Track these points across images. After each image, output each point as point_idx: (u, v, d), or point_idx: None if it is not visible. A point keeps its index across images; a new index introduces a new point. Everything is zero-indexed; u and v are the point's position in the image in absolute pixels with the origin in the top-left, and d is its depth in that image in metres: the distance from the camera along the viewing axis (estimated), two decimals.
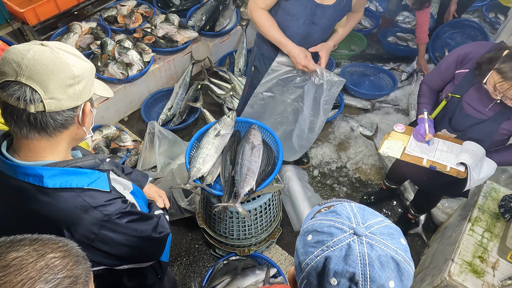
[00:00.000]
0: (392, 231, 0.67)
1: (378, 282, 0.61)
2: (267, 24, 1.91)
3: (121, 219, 1.01)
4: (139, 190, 1.25)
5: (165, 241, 1.25)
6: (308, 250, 0.67)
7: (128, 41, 3.05)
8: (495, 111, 1.59)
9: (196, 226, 2.27)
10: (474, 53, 1.61)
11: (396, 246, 0.65)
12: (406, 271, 0.64)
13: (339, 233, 0.65)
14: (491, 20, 4.12)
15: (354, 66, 3.56)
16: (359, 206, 0.71)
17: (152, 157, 2.54)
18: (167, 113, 3.06)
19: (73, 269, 0.66)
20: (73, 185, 0.95)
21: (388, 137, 1.86)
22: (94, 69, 1.00)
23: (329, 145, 3.01)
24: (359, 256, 0.62)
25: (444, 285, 1.69)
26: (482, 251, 1.73)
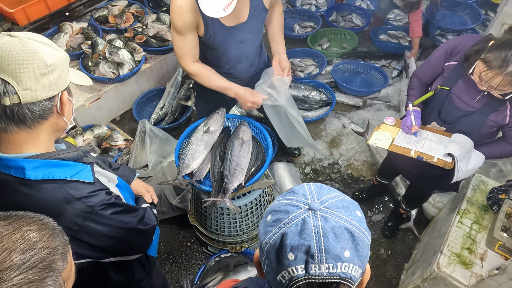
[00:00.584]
0: (347, 204, 0.69)
1: (333, 252, 0.63)
2: (205, 75, 1.85)
3: (105, 210, 1.01)
4: (125, 183, 1.25)
5: (152, 233, 1.24)
6: (267, 229, 0.69)
7: (119, 40, 3.05)
8: (482, 103, 1.61)
9: (188, 224, 2.27)
10: (463, 46, 1.62)
11: (350, 218, 0.66)
12: (361, 241, 0.66)
13: (295, 210, 0.67)
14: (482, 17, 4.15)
15: (345, 63, 3.58)
16: (317, 184, 0.73)
17: (143, 156, 2.54)
18: (159, 112, 3.06)
19: (49, 240, 0.66)
20: (56, 177, 0.94)
21: (378, 129, 1.88)
22: (67, 57, 0.98)
23: (321, 142, 3.02)
24: (314, 229, 0.64)
25: (433, 277, 1.70)
26: (471, 242, 1.74)
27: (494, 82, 1.39)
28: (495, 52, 1.37)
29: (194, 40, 1.73)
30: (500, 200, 1.82)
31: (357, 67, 3.58)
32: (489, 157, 1.75)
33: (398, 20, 4.14)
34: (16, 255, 0.61)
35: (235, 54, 1.87)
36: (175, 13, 1.61)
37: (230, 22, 1.72)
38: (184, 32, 1.66)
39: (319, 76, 3.54)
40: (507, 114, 1.56)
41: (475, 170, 1.72)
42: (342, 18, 4.14)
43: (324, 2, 4.41)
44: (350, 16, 4.16)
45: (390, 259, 2.40)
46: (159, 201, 2.38)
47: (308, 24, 4.05)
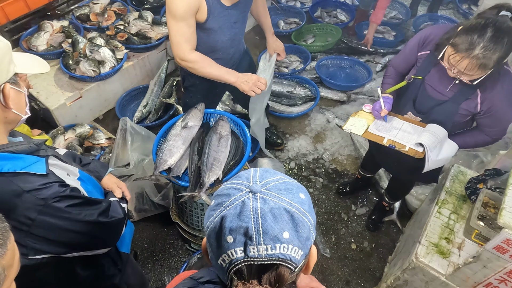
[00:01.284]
0: (290, 187, 0.68)
1: (271, 233, 0.62)
2: (206, 61, 1.84)
3: (59, 203, 0.98)
4: (89, 177, 1.22)
5: (119, 227, 1.21)
6: (210, 213, 0.68)
7: (100, 38, 3.02)
8: (454, 92, 1.62)
9: (171, 222, 2.25)
10: (434, 35, 1.63)
11: (291, 199, 0.66)
12: (301, 222, 0.65)
13: (236, 192, 0.67)
14: (464, 11, 4.18)
15: (329, 59, 3.58)
16: (264, 169, 0.72)
17: (125, 154, 2.51)
18: (143, 110, 3.04)
19: None
20: (4, 170, 0.91)
21: (355, 115, 1.89)
22: (8, 46, 0.93)
23: (305, 137, 3.02)
24: (252, 211, 0.63)
25: (412, 267, 1.70)
26: (449, 232, 1.75)
27: (461, 65, 1.40)
28: (463, 36, 1.38)
29: (193, 26, 1.74)
30: (478, 189, 1.83)
31: (341, 62, 3.59)
32: (463, 147, 1.76)
33: None
34: None
35: (229, 37, 1.90)
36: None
37: (229, 1, 1.75)
38: (186, 17, 1.67)
39: (304, 72, 3.54)
40: (478, 102, 1.57)
41: (447, 159, 1.73)
42: (327, 14, 4.14)
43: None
44: (335, 12, 4.16)
45: (374, 252, 2.41)
46: (141, 199, 2.36)
47: (292, 21, 4.05)
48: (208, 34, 1.84)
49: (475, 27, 1.36)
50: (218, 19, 1.77)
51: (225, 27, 1.85)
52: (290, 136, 3.04)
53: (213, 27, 1.79)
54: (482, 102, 1.57)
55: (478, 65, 1.37)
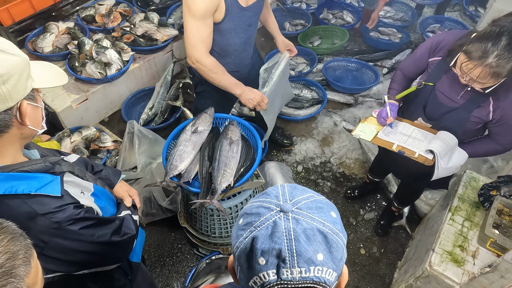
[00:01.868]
0: (321, 205, 0.67)
1: (305, 255, 0.60)
2: (220, 70, 1.84)
3: (73, 225, 0.96)
4: (103, 191, 1.19)
5: (131, 243, 1.19)
6: (239, 233, 0.66)
7: (107, 40, 2.99)
8: (466, 99, 1.59)
9: (178, 226, 2.23)
10: (447, 41, 1.61)
11: (323, 219, 0.64)
12: (335, 243, 0.63)
13: (266, 212, 0.65)
14: (471, 13, 4.16)
15: (336, 61, 3.56)
16: (292, 185, 0.71)
17: (132, 158, 2.50)
18: (149, 113, 3.02)
19: (9, 245, 0.62)
20: (19, 191, 0.88)
21: (365, 121, 1.88)
22: (26, 62, 0.90)
23: (312, 141, 2.99)
24: (285, 232, 0.61)
25: (425, 276, 1.68)
26: (462, 240, 1.73)
27: (474, 73, 1.38)
28: (476, 44, 1.35)
29: (211, 26, 1.72)
30: (491, 196, 1.81)
31: (348, 64, 3.56)
32: (473, 156, 1.73)
33: (388, 17, 4.13)
34: None
35: (242, 40, 1.89)
36: None
37: (245, 2, 1.74)
38: (205, 16, 1.65)
39: (310, 74, 3.52)
40: (490, 110, 1.55)
41: (457, 168, 1.71)
42: (333, 16, 4.12)
43: (314, 0, 4.38)
44: (341, 13, 4.14)
45: (383, 257, 2.39)
46: (149, 203, 2.34)
47: (298, 22, 4.03)
48: (222, 36, 1.81)
49: (490, 34, 1.34)
50: (234, 20, 1.75)
51: (239, 28, 1.83)
52: (297, 139, 3.01)
53: (228, 28, 1.77)
54: (495, 110, 1.55)
55: (491, 73, 1.34)
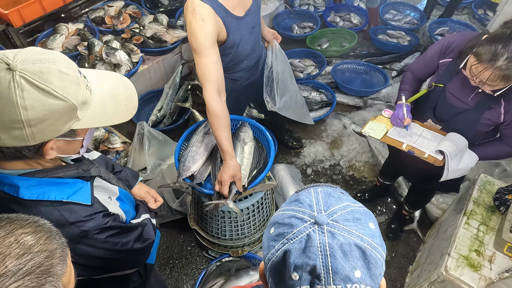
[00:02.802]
0: (358, 215, 0.62)
1: (342, 273, 0.57)
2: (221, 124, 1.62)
3: (100, 234, 0.96)
4: (127, 194, 1.19)
5: (149, 249, 1.19)
6: (270, 244, 0.63)
7: (116, 41, 3.00)
8: (476, 101, 1.58)
9: (188, 228, 2.22)
10: (458, 43, 1.59)
11: (361, 232, 0.60)
12: (374, 259, 0.59)
13: (299, 223, 0.61)
14: (480, 17, 4.14)
15: (345, 63, 3.54)
16: (326, 191, 0.66)
17: (142, 159, 2.49)
18: (157, 114, 3.01)
19: (46, 243, 0.61)
20: (51, 198, 0.88)
21: (374, 119, 1.87)
22: (73, 107, 0.82)
23: (322, 143, 2.98)
24: (320, 247, 0.58)
25: (441, 280, 1.66)
26: (478, 244, 1.70)
27: (484, 76, 1.36)
28: (486, 46, 1.33)
29: (215, 55, 1.61)
30: (507, 200, 1.79)
31: (357, 67, 3.55)
32: (484, 158, 1.72)
33: (396, 20, 4.12)
34: (11, 260, 0.56)
35: (251, 43, 1.87)
36: (197, 28, 1.53)
37: (241, 12, 1.72)
38: (207, 48, 1.56)
39: (319, 77, 3.51)
40: (501, 112, 1.53)
41: (467, 170, 1.69)
42: (340, 18, 4.11)
43: (323, 3, 4.38)
44: (348, 16, 4.13)
45: (393, 261, 2.36)
46: None
47: (306, 25, 4.02)
48: (232, 49, 1.79)
49: (500, 37, 1.32)
50: (237, 32, 1.73)
51: (245, 36, 1.82)
52: (306, 141, 3.00)
53: (235, 40, 1.75)
54: (506, 112, 1.53)
55: (500, 76, 1.32)
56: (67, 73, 0.80)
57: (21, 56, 0.76)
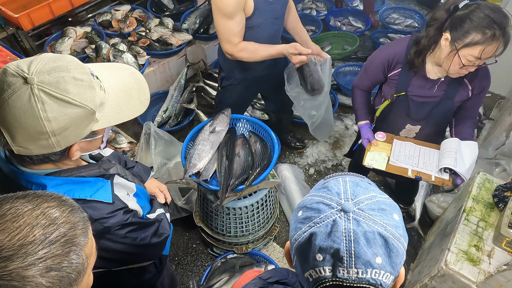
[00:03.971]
0: (384, 206, 0.65)
1: (364, 258, 0.60)
2: (256, 50, 1.83)
3: (120, 230, 1.01)
4: (142, 189, 1.24)
5: (165, 243, 1.25)
6: (297, 226, 0.67)
7: (123, 44, 3.07)
8: (443, 90, 1.65)
9: (193, 226, 2.27)
10: (398, 54, 1.67)
11: (385, 222, 0.63)
12: (395, 248, 0.62)
13: (326, 209, 0.65)
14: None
15: (347, 66, 3.60)
16: (354, 181, 0.69)
17: (148, 158, 2.54)
18: (163, 115, 3.07)
19: (69, 216, 0.66)
20: (76, 196, 0.92)
21: (371, 148, 1.89)
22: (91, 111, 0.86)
23: (324, 144, 3.03)
24: (345, 232, 0.61)
25: (441, 274, 1.69)
26: (478, 240, 1.74)
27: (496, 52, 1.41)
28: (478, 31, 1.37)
29: (242, 22, 1.75)
30: (506, 197, 1.83)
31: (359, 69, 3.60)
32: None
33: (397, 24, 4.18)
34: (38, 230, 0.61)
35: (270, 34, 1.92)
36: None
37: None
38: (235, 13, 1.68)
39: None
40: (469, 88, 1.63)
41: (475, 159, 1.72)
42: (340, 23, 4.18)
43: (325, 7, 4.45)
44: (347, 20, 4.20)
45: None
46: None
47: (309, 28, 4.09)
48: (251, 31, 1.85)
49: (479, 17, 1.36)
50: (262, 14, 1.79)
51: (267, 23, 1.86)
52: (309, 142, 3.05)
53: (256, 23, 1.81)
54: (474, 87, 1.64)
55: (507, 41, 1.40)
56: (81, 79, 0.83)
57: (35, 67, 0.79)
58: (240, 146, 1.91)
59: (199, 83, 3.29)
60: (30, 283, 0.57)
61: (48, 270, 0.59)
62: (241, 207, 1.96)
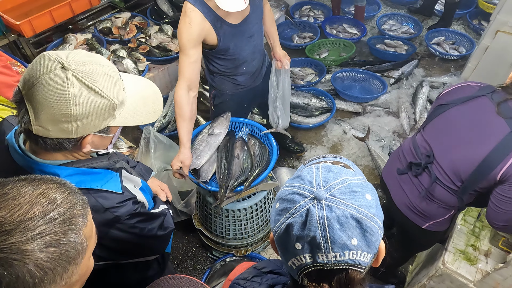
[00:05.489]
0: (356, 188, 0.67)
1: (339, 242, 0.63)
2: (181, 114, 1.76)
3: (130, 219, 1.04)
4: (147, 185, 1.27)
5: (170, 236, 1.28)
6: (276, 218, 0.70)
7: (123, 50, 3.11)
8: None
9: (192, 229, 2.28)
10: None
11: (357, 204, 0.65)
12: (369, 227, 0.65)
13: (300, 199, 0.67)
14: (475, 27, 4.26)
15: (344, 71, 3.65)
16: (326, 167, 0.71)
17: (148, 162, 2.56)
18: (162, 120, 3.10)
19: (68, 197, 0.68)
20: (87, 186, 0.96)
21: None
22: (114, 105, 0.92)
23: (322, 148, 3.05)
24: (319, 220, 0.64)
25: (439, 274, 1.71)
26: (475, 239, 1.76)
27: None
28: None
29: (194, 56, 1.73)
30: None
31: (356, 75, 3.65)
32: None
33: (394, 30, 4.24)
34: (38, 207, 0.63)
35: (249, 51, 1.94)
36: (183, 29, 1.67)
37: (236, 20, 1.79)
38: (188, 49, 1.70)
39: (319, 84, 3.61)
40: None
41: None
42: (336, 30, 4.24)
43: (322, 14, 4.52)
44: (341, 27, 4.25)
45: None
46: None
47: (306, 35, 4.15)
48: (227, 53, 1.88)
49: None
50: (231, 39, 1.81)
51: (241, 43, 1.87)
52: (308, 146, 3.07)
53: (227, 46, 1.83)
54: None
55: None
56: (111, 75, 0.91)
57: (73, 58, 0.86)
58: (239, 148, 1.93)
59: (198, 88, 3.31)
60: (29, 256, 0.59)
61: (47, 246, 0.61)
62: (240, 209, 1.98)
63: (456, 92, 1.47)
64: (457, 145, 1.39)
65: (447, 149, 1.42)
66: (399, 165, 1.66)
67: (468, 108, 1.39)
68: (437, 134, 1.48)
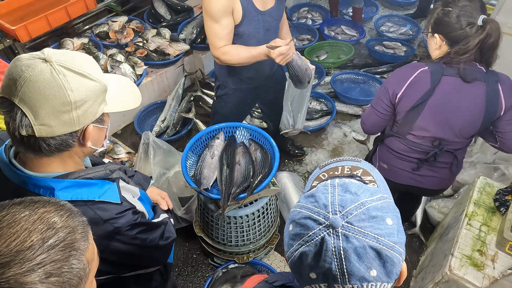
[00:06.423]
0: (375, 213, 0.62)
1: (357, 274, 0.59)
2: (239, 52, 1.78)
3: (131, 230, 1.00)
4: (145, 195, 1.24)
5: (171, 246, 1.24)
6: (289, 242, 0.66)
7: (120, 55, 3.07)
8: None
9: (193, 236, 2.24)
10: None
11: (377, 233, 0.60)
12: (389, 258, 0.60)
13: (314, 225, 0.62)
14: None
15: (344, 74, 3.63)
16: (343, 185, 0.65)
17: (147, 168, 2.52)
18: (161, 125, 3.06)
19: (68, 220, 0.64)
20: (84, 198, 0.93)
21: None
22: (104, 88, 0.92)
23: (323, 151, 3.03)
24: (334, 251, 0.59)
25: (445, 280, 1.68)
26: (481, 244, 1.74)
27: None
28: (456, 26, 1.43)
29: (229, 26, 1.74)
30: (507, 201, 1.83)
31: (356, 77, 3.63)
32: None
33: (392, 32, 4.24)
34: (36, 235, 0.59)
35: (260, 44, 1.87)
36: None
37: (262, 6, 1.77)
38: (221, 17, 1.69)
39: (318, 87, 3.58)
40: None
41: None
42: (334, 32, 4.22)
43: (320, 16, 4.50)
44: (340, 29, 4.24)
45: None
46: None
47: (305, 37, 4.13)
48: (240, 39, 1.84)
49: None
50: (251, 23, 1.79)
51: (257, 33, 1.85)
52: (308, 149, 3.05)
53: (246, 31, 1.80)
54: None
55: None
56: (90, 61, 0.91)
57: (48, 52, 0.85)
58: (240, 154, 1.90)
59: (197, 92, 3.29)
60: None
61: (48, 276, 0.58)
62: (242, 216, 1.95)
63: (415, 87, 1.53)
64: (456, 118, 1.55)
65: (450, 127, 1.58)
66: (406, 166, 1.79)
67: (441, 92, 1.52)
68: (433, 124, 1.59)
